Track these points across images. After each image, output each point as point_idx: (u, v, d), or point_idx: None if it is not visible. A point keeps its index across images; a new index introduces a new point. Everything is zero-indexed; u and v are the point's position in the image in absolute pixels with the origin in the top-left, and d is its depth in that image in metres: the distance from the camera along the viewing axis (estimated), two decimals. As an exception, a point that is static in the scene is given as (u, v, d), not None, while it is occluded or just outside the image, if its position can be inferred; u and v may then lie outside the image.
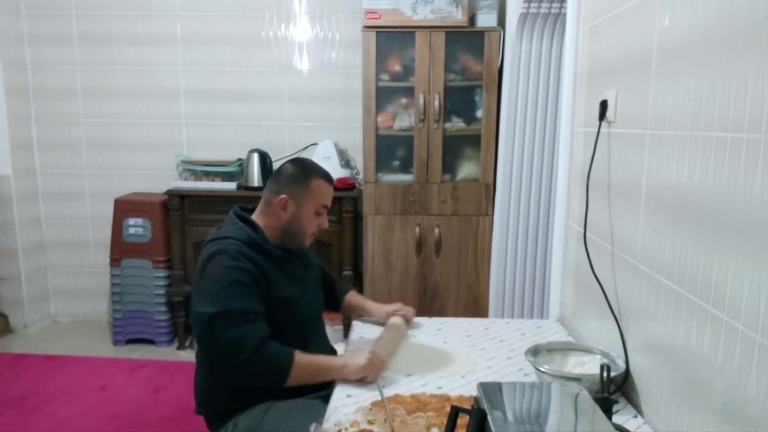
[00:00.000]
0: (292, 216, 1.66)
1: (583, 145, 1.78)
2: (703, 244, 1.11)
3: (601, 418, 0.97)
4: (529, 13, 2.62)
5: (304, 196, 1.66)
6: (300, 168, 1.70)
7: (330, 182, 1.72)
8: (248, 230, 1.62)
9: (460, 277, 3.29)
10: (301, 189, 1.66)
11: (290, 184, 1.66)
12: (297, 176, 1.67)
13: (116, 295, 3.54)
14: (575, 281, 1.87)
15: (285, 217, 1.66)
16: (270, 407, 1.57)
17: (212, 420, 1.66)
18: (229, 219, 1.69)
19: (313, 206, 1.67)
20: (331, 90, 3.68)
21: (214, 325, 1.48)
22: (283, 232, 1.67)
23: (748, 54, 0.98)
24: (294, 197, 1.65)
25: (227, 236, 1.59)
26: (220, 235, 1.61)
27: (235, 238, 1.58)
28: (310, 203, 1.67)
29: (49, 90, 3.76)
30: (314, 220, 1.69)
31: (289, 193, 1.65)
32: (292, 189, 1.66)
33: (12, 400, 2.87)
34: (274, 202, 1.66)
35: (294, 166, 1.71)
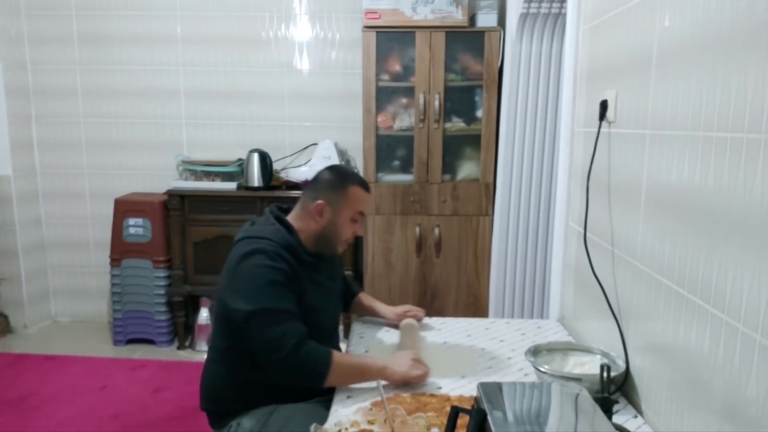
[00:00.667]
0: (329, 222, 1.66)
1: (583, 145, 1.78)
2: (703, 244, 1.11)
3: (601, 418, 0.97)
4: (529, 13, 2.62)
5: (341, 203, 1.66)
6: (337, 174, 1.70)
7: (367, 189, 1.72)
8: (285, 233, 1.61)
9: (460, 277, 3.29)
10: (338, 195, 1.66)
11: (327, 190, 1.67)
12: (334, 182, 1.68)
13: (116, 295, 3.54)
14: (575, 281, 1.87)
15: (321, 222, 1.66)
16: (275, 410, 1.57)
17: (216, 417, 1.66)
18: (265, 218, 1.68)
19: (349, 213, 1.67)
20: (331, 90, 3.68)
21: (251, 323, 1.48)
22: (319, 237, 1.67)
23: (748, 54, 0.98)
24: (331, 203, 1.65)
25: (264, 236, 1.58)
26: (256, 234, 1.60)
27: (271, 239, 1.58)
28: (346, 210, 1.67)
29: (49, 90, 3.76)
30: (350, 227, 1.69)
31: (326, 198, 1.65)
32: (330, 195, 1.66)
33: (12, 400, 2.87)
34: (311, 207, 1.65)
35: (331, 173, 1.71)
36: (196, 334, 3.53)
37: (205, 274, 3.48)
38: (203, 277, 3.49)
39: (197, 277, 3.50)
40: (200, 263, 3.48)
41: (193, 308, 3.60)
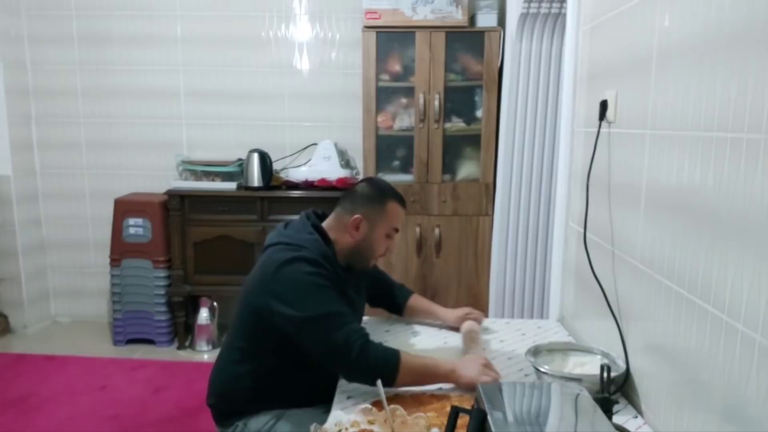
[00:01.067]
0: (364, 237, 1.64)
1: (583, 145, 1.78)
2: (703, 244, 1.11)
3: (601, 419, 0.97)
4: (529, 13, 2.62)
5: (378, 218, 1.64)
6: (377, 189, 1.68)
7: (404, 205, 1.70)
8: (323, 245, 1.59)
9: (460, 277, 3.29)
10: (376, 210, 1.64)
11: (365, 204, 1.64)
12: (373, 197, 1.65)
13: (116, 295, 3.54)
14: (575, 281, 1.87)
15: (357, 237, 1.63)
16: (282, 414, 1.57)
17: (222, 416, 1.66)
18: (302, 224, 1.65)
19: (385, 228, 1.66)
20: (331, 90, 3.68)
21: (307, 329, 1.47)
22: (353, 251, 1.65)
23: (748, 54, 0.98)
24: (368, 218, 1.63)
25: (302, 245, 1.56)
26: (294, 242, 1.57)
27: (310, 249, 1.56)
28: (383, 225, 1.65)
29: (49, 90, 3.76)
30: (384, 242, 1.67)
31: (363, 213, 1.63)
32: (367, 209, 1.64)
33: (12, 401, 2.87)
34: (347, 221, 1.63)
35: (371, 187, 1.69)
36: (196, 334, 3.53)
37: (205, 274, 3.48)
38: (203, 277, 3.49)
39: (197, 277, 3.50)
40: (200, 263, 3.48)
41: (193, 308, 3.60)
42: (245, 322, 1.62)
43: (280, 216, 3.35)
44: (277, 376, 1.59)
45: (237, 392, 1.63)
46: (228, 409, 1.65)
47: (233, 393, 1.64)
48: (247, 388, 1.61)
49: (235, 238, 3.45)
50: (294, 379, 1.59)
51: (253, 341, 1.61)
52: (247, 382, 1.61)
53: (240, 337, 1.64)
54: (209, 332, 3.51)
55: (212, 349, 3.48)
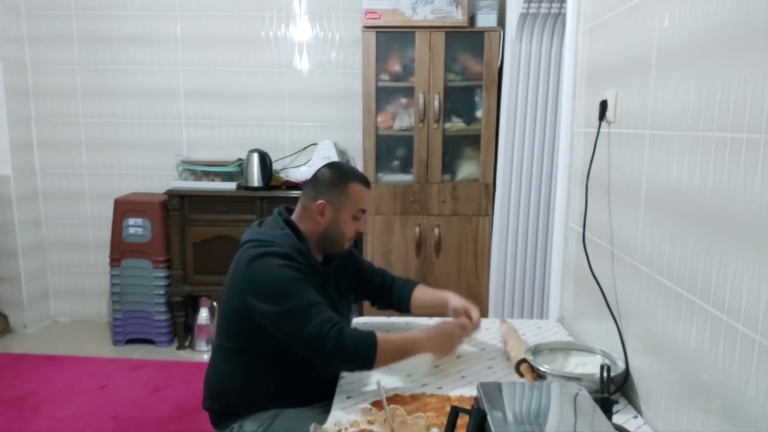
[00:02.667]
0: (330, 221, 1.64)
1: (583, 145, 1.78)
2: (702, 244, 1.11)
3: (601, 419, 0.97)
4: (529, 13, 2.62)
5: (341, 201, 1.64)
6: (337, 172, 1.68)
7: (367, 186, 1.69)
8: (295, 239, 1.59)
9: (460, 277, 3.29)
10: (338, 193, 1.64)
11: (328, 188, 1.64)
12: (334, 180, 1.65)
13: (116, 295, 3.54)
14: (575, 281, 1.87)
15: (323, 222, 1.63)
16: (279, 414, 1.56)
17: (218, 418, 1.66)
18: (274, 221, 1.65)
19: (351, 210, 1.65)
20: (331, 90, 3.68)
21: (283, 323, 1.47)
22: (322, 237, 1.65)
23: (748, 54, 0.98)
24: (332, 202, 1.63)
25: (273, 241, 1.56)
26: (265, 238, 1.58)
27: (281, 244, 1.56)
28: (348, 208, 1.64)
29: (49, 90, 3.76)
30: (352, 225, 1.66)
31: (326, 197, 1.63)
32: (330, 194, 1.63)
33: (12, 400, 2.87)
34: (312, 208, 1.63)
35: (331, 171, 1.68)
36: (196, 334, 3.53)
37: (204, 274, 3.48)
38: (203, 277, 3.48)
39: (197, 277, 3.49)
40: (200, 263, 3.48)
41: (193, 308, 3.60)
42: (227, 322, 1.63)
43: (280, 216, 3.35)
44: (268, 374, 1.59)
45: (229, 393, 1.63)
46: (223, 410, 1.64)
47: (226, 394, 1.64)
48: (239, 388, 1.61)
49: (234, 238, 3.43)
50: (286, 377, 1.58)
51: (237, 340, 1.61)
52: (238, 382, 1.61)
53: (224, 337, 1.65)
54: (209, 332, 3.51)
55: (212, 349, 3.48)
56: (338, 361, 1.49)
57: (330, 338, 1.44)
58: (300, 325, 1.45)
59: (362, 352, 1.47)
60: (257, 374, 1.59)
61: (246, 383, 1.60)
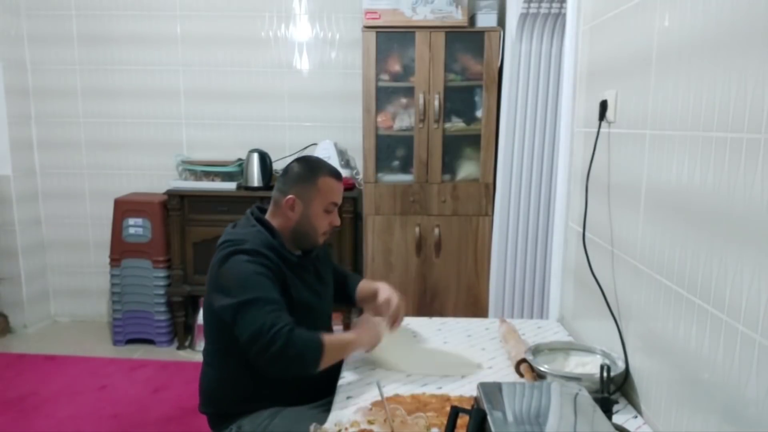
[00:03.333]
0: (301, 216, 1.63)
1: (583, 145, 1.78)
2: (702, 244, 1.11)
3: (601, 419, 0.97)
4: (529, 13, 2.62)
5: (311, 195, 1.63)
6: (306, 166, 1.67)
7: (338, 179, 1.68)
8: (266, 234, 1.59)
9: (460, 277, 3.29)
10: (307, 188, 1.63)
11: (297, 183, 1.64)
12: (303, 175, 1.65)
13: (116, 295, 3.54)
14: (575, 281, 1.87)
15: (294, 217, 1.63)
16: (277, 413, 1.56)
17: (216, 420, 1.65)
18: (246, 220, 1.66)
19: (321, 204, 1.64)
20: (331, 90, 3.68)
21: (240, 315, 1.46)
22: (294, 232, 1.64)
23: (748, 54, 0.98)
24: (301, 197, 1.63)
25: (245, 239, 1.56)
26: (237, 237, 1.58)
27: (251, 241, 1.56)
28: (317, 201, 1.63)
29: (49, 90, 3.76)
30: (324, 219, 1.66)
31: (296, 192, 1.63)
32: (299, 188, 1.63)
33: (12, 400, 2.87)
34: (282, 203, 1.63)
35: (300, 165, 1.68)
36: (196, 334, 3.53)
37: (204, 274, 3.39)
38: (203, 277, 3.43)
39: (197, 277, 3.50)
40: (200, 263, 3.48)
41: (193, 308, 3.61)
42: (207, 325, 1.65)
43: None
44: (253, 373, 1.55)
45: (221, 395, 1.63)
46: (218, 413, 1.64)
47: (218, 396, 1.64)
48: (229, 389, 1.61)
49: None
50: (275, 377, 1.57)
51: (218, 342, 1.62)
52: (226, 384, 1.61)
53: (209, 339, 1.66)
54: (209, 332, 3.51)
55: (204, 353, 3.49)
56: (284, 362, 1.43)
57: (279, 337, 1.41)
58: (251, 319, 1.43)
59: (310, 354, 1.45)
60: (243, 374, 1.57)
61: (234, 384, 1.60)
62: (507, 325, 1.80)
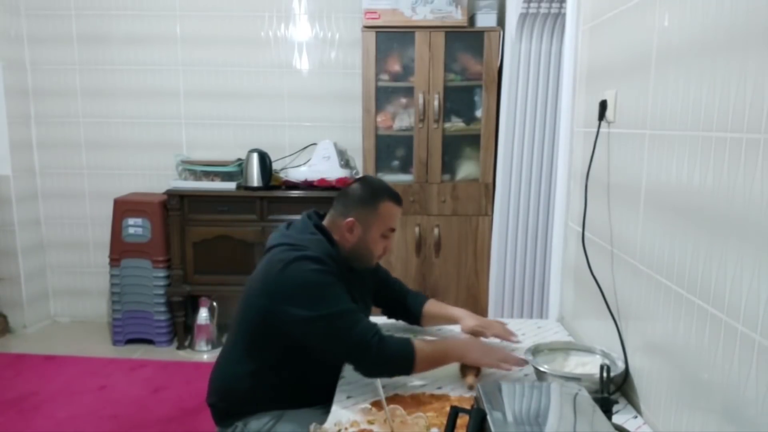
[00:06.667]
0: (359, 239, 1.61)
1: (583, 145, 1.78)
2: (702, 243, 1.11)
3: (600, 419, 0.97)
4: (528, 13, 2.62)
5: (371, 220, 1.61)
6: (369, 190, 1.64)
7: (399, 204, 1.66)
8: (327, 245, 1.58)
9: (459, 277, 3.29)
10: (368, 212, 1.61)
11: (358, 206, 1.61)
12: (365, 198, 1.62)
13: (116, 295, 3.53)
14: (575, 281, 1.87)
15: (351, 240, 1.61)
16: (282, 415, 1.56)
17: (222, 415, 1.65)
18: (303, 225, 1.63)
19: (380, 229, 1.62)
20: (331, 90, 3.68)
21: (321, 328, 1.46)
22: (350, 253, 1.63)
23: (747, 54, 0.98)
24: (361, 220, 1.61)
25: (306, 245, 1.54)
26: (297, 242, 1.55)
27: (313, 249, 1.54)
28: (377, 226, 1.61)
29: (48, 90, 3.76)
30: (381, 243, 1.64)
31: (356, 215, 1.60)
32: (360, 212, 1.61)
33: (11, 401, 2.87)
34: (341, 224, 1.61)
35: (363, 188, 1.65)
36: (196, 334, 3.52)
37: (204, 274, 3.48)
38: (202, 277, 3.48)
39: (196, 277, 3.49)
40: (199, 263, 3.47)
41: (193, 308, 3.60)
42: (249, 324, 1.61)
43: (280, 216, 3.35)
44: (278, 377, 1.58)
45: (237, 392, 1.63)
46: (228, 408, 1.64)
47: (234, 393, 1.64)
48: (248, 388, 1.60)
49: (234, 238, 3.44)
50: (295, 380, 1.59)
51: (257, 343, 1.60)
52: (248, 382, 1.60)
53: (243, 338, 1.63)
54: (209, 332, 3.51)
55: (212, 349, 3.48)
56: (380, 368, 1.48)
57: (373, 345, 1.44)
58: (342, 330, 1.45)
59: (402, 360, 1.47)
60: (267, 377, 1.58)
61: (255, 385, 1.60)
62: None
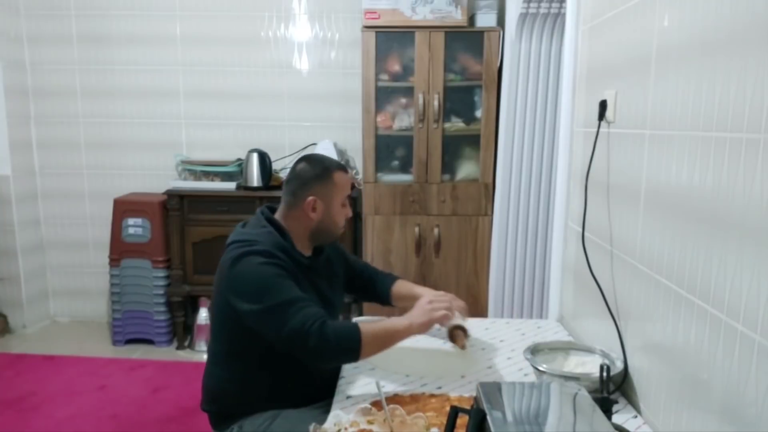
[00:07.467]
0: (324, 214, 1.65)
1: (583, 145, 1.79)
2: (702, 243, 1.11)
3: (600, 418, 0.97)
4: (528, 13, 2.62)
5: (330, 192, 1.65)
6: (319, 165, 1.68)
7: (347, 171, 1.72)
8: (278, 236, 1.59)
9: (459, 277, 3.28)
10: (325, 185, 1.65)
11: (314, 183, 1.64)
12: (319, 174, 1.65)
13: (115, 295, 3.53)
14: (575, 281, 1.87)
15: (316, 217, 1.64)
16: (278, 415, 1.56)
17: (217, 419, 1.65)
18: (256, 220, 1.66)
19: (339, 199, 1.67)
20: (331, 90, 3.68)
21: (267, 320, 1.47)
22: (315, 232, 1.66)
23: (747, 54, 0.98)
24: (321, 196, 1.64)
25: (255, 239, 1.56)
26: (248, 238, 1.58)
27: (262, 242, 1.56)
28: (337, 197, 1.66)
29: (48, 90, 3.76)
30: (342, 212, 1.69)
31: (315, 192, 1.63)
32: (318, 188, 1.64)
33: (11, 401, 2.87)
34: (302, 205, 1.63)
35: (312, 165, 1.68)
36: (195, 334, 3.52)
37: (204, 274, 3.47)
38: (202, 277, 3.48)
39: (196, 277, 3.49)
40: (199, 263, 3.47)
41: (192, 308, 3.60)
42: (217, 326, 1.64)
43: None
44: (263, 375, 1.58)
45: (227, 395, 1.63)
46: (221, 412, 1.64)
47: (225, 396, 1.64)
48: (238, 390, 1.61)
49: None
50: (281, 377, 1.58)
51: (229, 343, 1.61)
52: (234, 384, 1.61)
53: (217, 340, 1.65)
54: (208, 332, 3.49)
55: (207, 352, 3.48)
56: (323, 356, 1.48)
57: (313, 333, 1.43)
58: (282, 321, 1.45)
59: (346, 344, 1.47)
60: (252, 376, 1.59)
61: (242, 385, 1.60)
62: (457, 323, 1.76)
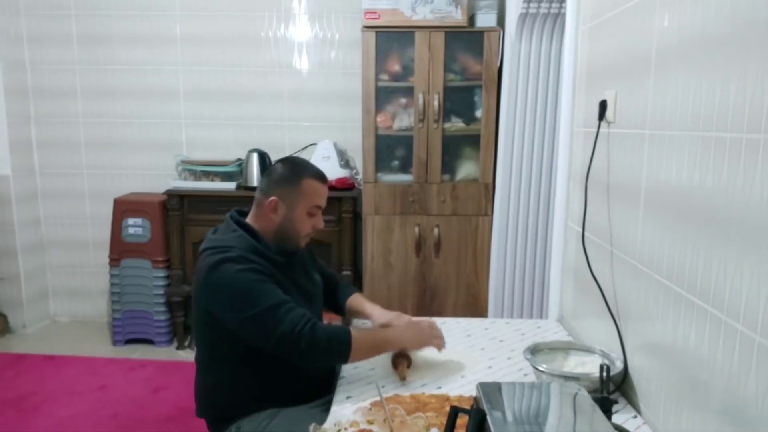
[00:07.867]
0: (284, 218, 1.60)
1: (583, 145, 1.79)
2: (702, 243, 1.11)
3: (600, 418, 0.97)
4: (528, 13, 2.62)
5: (295, 198, 1.60)
6: (290, 168, 1.64)
7: (323, 181, 1.64)
8: (249, 238, 1.56)
9: (459, 277, 3.28)
10: (291, 190, 1.60)
11: (280, 185, 1.60)
12: (287, 177, 1.61)
13: (115, 295, 3.53)
14: (575, 281, 1.87)
15: (276, 219, 1.60)
16: (276, 414, 1.55)
17: (214, 424, 1.65)
18: (226, 225, 1.62)
19: (305, 207, 1.61)
20: (331, 90, 3.68)
21: (255, 327, 1.46)
22: (276, 235, 1.61)
23: (747, 54, 0.98)
24: (284, 199, 1.59)
25: (228, 245, 1.53)
26: (220, 244, 1.55)
27: (236, 247, 1.53)
28: (301, 205, 1.60)
29: (48, 90, 3.76)
30: (307, 222, 1.62)
31: (278, 194, 1.59)
32: (282, 190, 1.60)
33: (11, 400, 2.87)
34: (264, 204, 1.60)
35: (284, 166, 1.64)
36: (196, 334, 3.52)
37: (204, 274, 3.47)
38: (202, 277, 3.48)
39: (196, 277, 3.49)
40: (199, 263, 3.47)
41: (193, 308, 3.60)
42: (199, 333, 1.63)
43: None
44: (250, 377, 1.57)
45: (218, 400, 1.62)
46: (215, 416, 1.64)
47: (215, 402, 1.63)
48: (227, 393, 1.60)
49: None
50: (268, 377, 1.58)
51: (212, 349, 1.61)
52: (224, 388, 1.60)
53: (204, 346, 1.64)
54: (208, 332, 3.51)
55: (196, 358, 3.48)
56: (314, 358, 1.48)
57: (304, 335, 1.43)
58: (271, 326, 1.44)
59: (336, 347, 1.48)
60: (240, 378, 1.58)
61: (231, 389, 1.59)
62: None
